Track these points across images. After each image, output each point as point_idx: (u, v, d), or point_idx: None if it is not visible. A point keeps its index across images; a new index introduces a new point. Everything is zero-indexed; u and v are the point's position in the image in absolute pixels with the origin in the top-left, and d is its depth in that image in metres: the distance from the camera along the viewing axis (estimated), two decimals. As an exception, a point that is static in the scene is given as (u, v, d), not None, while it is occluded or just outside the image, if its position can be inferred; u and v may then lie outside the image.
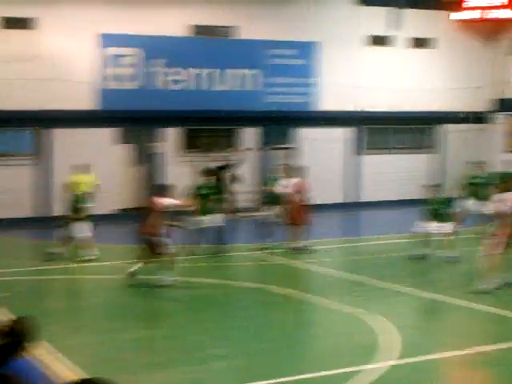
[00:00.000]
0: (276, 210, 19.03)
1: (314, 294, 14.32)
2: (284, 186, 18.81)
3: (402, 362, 10.18)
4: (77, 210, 17.62)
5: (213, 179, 18.96)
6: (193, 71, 25.93)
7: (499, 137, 30.60)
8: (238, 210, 21.07)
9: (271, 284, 15.15)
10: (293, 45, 27.25)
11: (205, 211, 18.05)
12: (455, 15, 29.86)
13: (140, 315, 13.12)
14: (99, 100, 24.53)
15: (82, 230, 17.59)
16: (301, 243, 18.80)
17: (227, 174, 21.63)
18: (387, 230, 22.00)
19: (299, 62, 27.46)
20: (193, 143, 26.23)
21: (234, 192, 21.40)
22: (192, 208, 17.79)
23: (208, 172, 19.30)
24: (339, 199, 28.06)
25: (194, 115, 25.53)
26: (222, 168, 21.45)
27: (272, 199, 19.27)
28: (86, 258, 17.46)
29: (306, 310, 13.60)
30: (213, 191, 18.37)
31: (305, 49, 27.47)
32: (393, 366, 9.98)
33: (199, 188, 18.36)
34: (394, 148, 29.58)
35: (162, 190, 15.45)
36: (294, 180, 18.90)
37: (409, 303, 14.05)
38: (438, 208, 17.58)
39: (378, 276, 15.80)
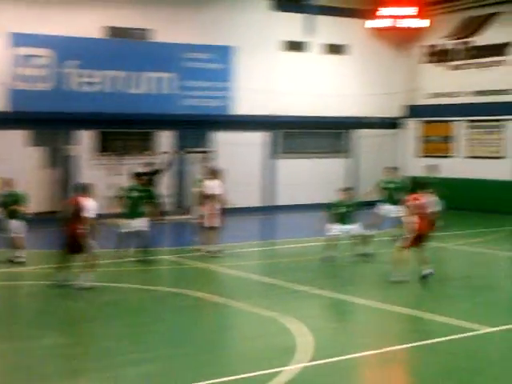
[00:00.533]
0: (199, 211, 18.91)
1: (231, 298, 14.24)
2: (209, 187, 18.72)
3: (317, 363, 10.18)
4: (14, 208, 17.11)
5: (143, 182, 18.71)
6: (108, 73, 25.56)
7: (411, 142, 31.25)
8: (164, 214, 20.87)
9: (189, 288, 15.01)
10: (209, 49, 27.20)
11: (134, 214, 17.76)
12: (369, 23, 30.35)
13: (57, 321, 12.76)
14: (9, 101, 23.91)
15: (18, 229, 17.19)
16: (217, 246, 18.73)
17: (157, 178, 21.49)
18: (303, 234, 22.15)
19: (215, 66, 27.41)
20: (108, 146, 25.84)
21: (161, 195, 21.18)
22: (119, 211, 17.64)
23: (139, 175, 19.13)
24: (257, 203, 28.13)
25: (108, 118, 25.15)
26: (152, 173, 21.30)
27: (197, 201, 19.17)
28: (17, 260, 17.07)
29: (224, 314, 13.51)
30: (144, 194, 18.08)
31: (221, 53, 27.44)
32: (308, 367, 9.98)
33: (129, 190, 18.06)
34: (310, 152, 29.83)
35: (84, 190, 15.10)
36: (217, 182, 18.84)
37: (323, 305, 14.12)
38: (346, 211, 17.81)
39: (293, 279, 15.84)
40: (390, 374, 10.27)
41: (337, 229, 17.83)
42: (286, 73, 28.86)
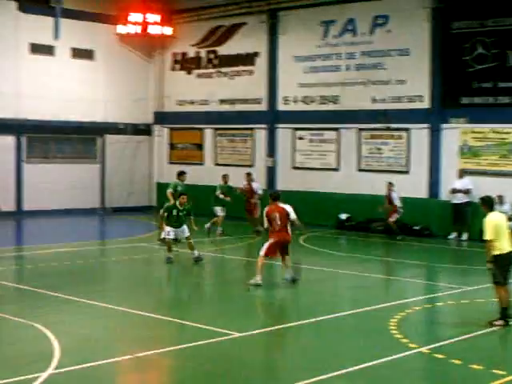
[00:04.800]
0: None
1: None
2: None
3: (64, 370, 9.76)
4: None
5: None
6: None
7: (164, 149, 31.37)
8: None
9: None
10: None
11: None
12: (117, 29, 30.07)
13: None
14: None
15: None
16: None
17: None
18: (54, 239, 21.69)
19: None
20: None
21: None
22: None
23: None
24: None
25: None
26: None
27: None
28: None
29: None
30: None
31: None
32: (54, 375, 9.56)
33: None
34: (57, 157, 29.16)
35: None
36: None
37: (75, 311, 13.52)
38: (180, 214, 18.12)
39: (45, 285, 15.24)
40: (143, 379, 10.00)
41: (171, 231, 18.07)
42: (34, 76, 27.98)
